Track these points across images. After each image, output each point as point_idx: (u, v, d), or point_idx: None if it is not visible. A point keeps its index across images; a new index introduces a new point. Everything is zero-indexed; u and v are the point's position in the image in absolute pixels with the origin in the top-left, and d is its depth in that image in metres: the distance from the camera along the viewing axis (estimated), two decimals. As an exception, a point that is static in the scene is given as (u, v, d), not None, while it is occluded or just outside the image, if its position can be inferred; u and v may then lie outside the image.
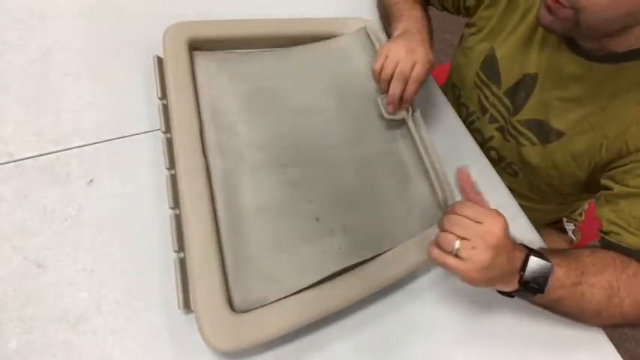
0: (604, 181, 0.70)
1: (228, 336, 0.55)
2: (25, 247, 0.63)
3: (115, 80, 0.77)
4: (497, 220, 0.55)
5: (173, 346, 0.59)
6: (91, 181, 0.68)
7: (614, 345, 0.66)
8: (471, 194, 0.60)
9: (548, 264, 0.58)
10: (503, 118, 0.82)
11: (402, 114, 0.74)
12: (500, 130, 0.84)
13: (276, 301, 0.58)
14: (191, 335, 0.59)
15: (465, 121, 0.89)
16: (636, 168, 0.66)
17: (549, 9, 0.63)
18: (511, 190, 0.80)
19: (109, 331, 0.58)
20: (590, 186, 0.76)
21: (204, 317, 0.56)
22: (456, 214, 0.56)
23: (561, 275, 0.59)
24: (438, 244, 0.56)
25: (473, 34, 0.85)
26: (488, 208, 0.57)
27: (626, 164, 0.67)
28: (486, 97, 0.84)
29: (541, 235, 0.75)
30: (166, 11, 0.81)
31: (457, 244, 0.54)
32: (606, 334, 0.67)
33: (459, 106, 0.91)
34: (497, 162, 0.87)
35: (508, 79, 0.79)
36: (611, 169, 0.70)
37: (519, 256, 0.58)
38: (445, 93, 0.91)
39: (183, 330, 0.59)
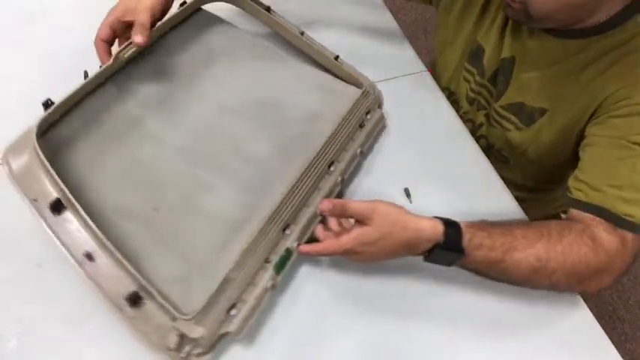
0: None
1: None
2: (25, 247, 0.63)
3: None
4: (364, 255, 0.60)
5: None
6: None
7: (614, 345, 0.66)
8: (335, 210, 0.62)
9: (456, 255, 0.60)
10: (488, 104, 0.85)
11: None
12: (487, 117, 0.86)
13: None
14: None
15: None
16: (604, 120, 0.68)
17: (506, 2, 0.68)
18: (505, 179, 0.80)
19: (109, 331, 0.58)
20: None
21: None
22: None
23: (477, 256, 0.60)
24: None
25: (453, 32, 0.87)
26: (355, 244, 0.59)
27: (596, 118, 0.70)
28: (472, 89, 0.87)
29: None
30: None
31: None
32: (606, 334, 0.66)
33: (452, 104, 0.92)
34: (487, 150, 0.88)
35: (489, 67, 0.82)
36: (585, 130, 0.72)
37: (424, 246, 0.60)
38: None
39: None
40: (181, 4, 0.75)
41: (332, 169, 0.69)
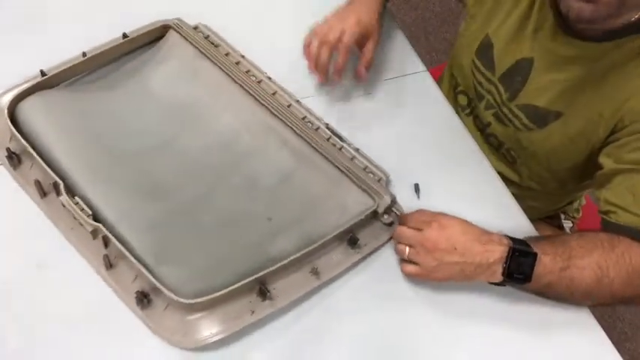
0: (600, 159, 0.71)
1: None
2: (25, 247, 0.63)
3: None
4: (433, 228, 0.62)
5: (175, 345, 0.59)
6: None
7: (614, 344, 0.66)
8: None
9: (532, 253, 0.61)
10: (498, 103, 0.83)
11: None
12: (496, 115, 0.84)
13: None
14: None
15: (466, 109, 0.89)
16: (631, 142, 0.66)
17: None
18: (511, 181, 0.80)
19: (109, 331, 0.59)
20: (589, 170, 0.77)
21: None
22: (402, 225, 0.66)
23: (548, 262, 0.61)
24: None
25: (468, 21, 0.85)
26: (431, 215, 0.64)
27: (620, 138, 0.68)
28: (481, 84, 0.85)
29: (539, 232, 0.75)
30: (168, 11, 0.82)
31: (407, 251, 0.64)
32: (606, 333, 0.67)
33: (457, 95, 0.91)
34: (498, 148, 0.87)
35: (501, 64, 0.80)
36: (607, 145, 0.71)
37: (497, 249, 0.61)
38: (439, 84, 0.91)
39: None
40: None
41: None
